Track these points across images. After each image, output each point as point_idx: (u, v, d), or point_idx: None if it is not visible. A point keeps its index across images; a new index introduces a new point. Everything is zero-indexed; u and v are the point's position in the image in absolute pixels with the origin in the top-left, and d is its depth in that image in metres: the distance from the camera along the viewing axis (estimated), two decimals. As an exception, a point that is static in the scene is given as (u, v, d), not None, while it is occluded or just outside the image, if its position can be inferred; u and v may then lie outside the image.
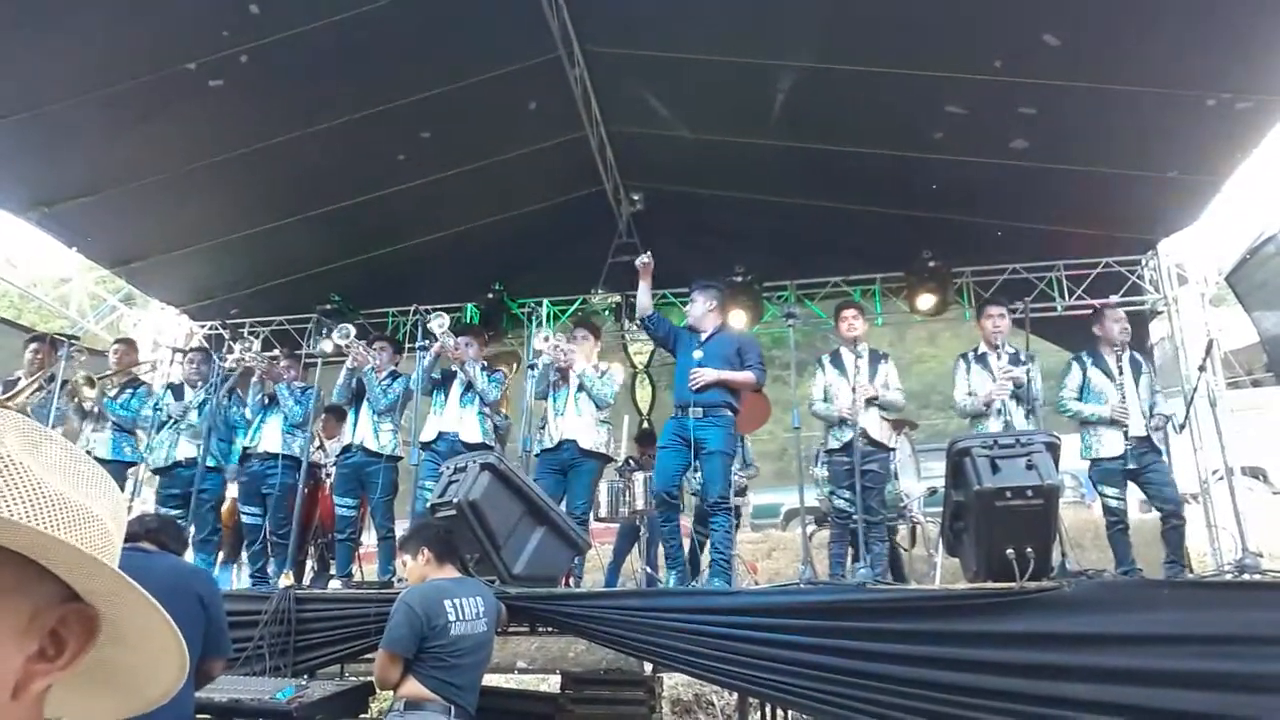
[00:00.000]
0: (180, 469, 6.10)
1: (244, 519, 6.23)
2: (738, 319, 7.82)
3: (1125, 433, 5.25)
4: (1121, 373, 5.39)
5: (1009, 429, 5.09)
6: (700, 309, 5.43)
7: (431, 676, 3.38)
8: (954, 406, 5.73)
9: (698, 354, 5.24)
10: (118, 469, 6.20)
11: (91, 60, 5.46)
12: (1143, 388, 5.39)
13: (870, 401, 5.39)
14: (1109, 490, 5.31)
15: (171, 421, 6.21)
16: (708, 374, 5.09)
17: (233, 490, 6.51)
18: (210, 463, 5.95)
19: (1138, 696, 3.34)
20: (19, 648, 0.65)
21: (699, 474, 5.14)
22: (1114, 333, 5.50)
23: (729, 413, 5.14)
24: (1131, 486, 5.34)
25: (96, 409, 6.30)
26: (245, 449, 6.25)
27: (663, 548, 5.52)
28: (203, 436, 5.93)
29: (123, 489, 6.54)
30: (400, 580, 5.19)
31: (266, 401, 6.30)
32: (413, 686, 3.38)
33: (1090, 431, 5.43)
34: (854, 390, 5.32)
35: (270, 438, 6.16)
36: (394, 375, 6.18)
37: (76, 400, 6.26)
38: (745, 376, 5.19)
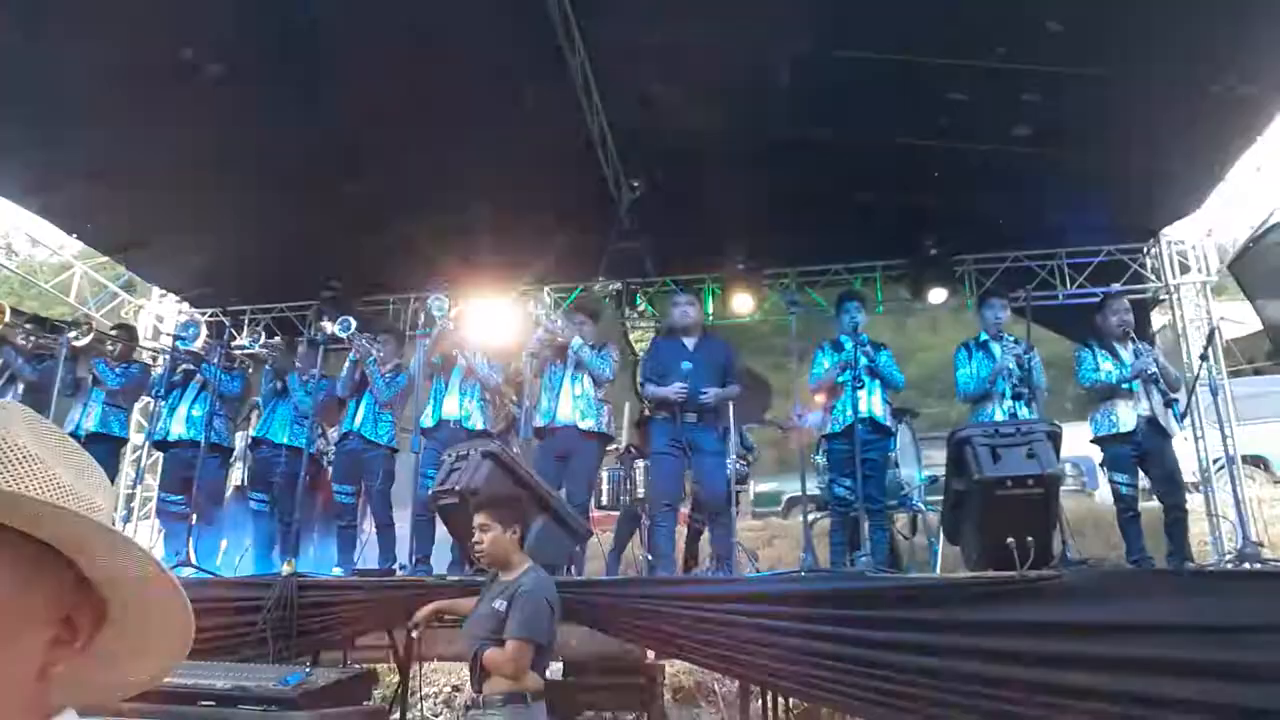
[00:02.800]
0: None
1: (252, 505, 6.28)
2: (743, 303, 7.83)
3: (1140, 410, 5.23)
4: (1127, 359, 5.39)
5: (1013, 419, 5.09)
6: (699, 314, 5.67)
7: (545, 665, 3.44)
8: (958, 393, 5.72)
9: (687, 365, 5.37)
10: (108, 446, 6.22)
11: (92, 48, 5.44)
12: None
13: (871, 368, 5.39)
14: (1119, 476, 5.29)
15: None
16: (712, 394, 5.27)
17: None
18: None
19: (1138, 685, 3.34)
20: (41, 633, 0.69)
21: (695, 472, 5.29)
22: (1110, 325, 5.50)
23: (717, 416, 5.38)
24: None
25: (91, 375, 6.32)
26: (255, 437, 6.31)
27: (657, 544, 5.53)
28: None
29: (117, 466, 6.57)
30: (402, 567, 5.20)
31: (280, 387, 6.34)
32: (534, 680, 3.38)
33: (1103, 410, 5.42)
34: (854, 346, 5.36)
35: (279, 427, 6.22)
36: (398, 368, 6.18)
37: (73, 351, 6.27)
38: (732, 391, 5.47)
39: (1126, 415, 5.28)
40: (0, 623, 0.66)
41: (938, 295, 7.51)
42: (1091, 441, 5.51)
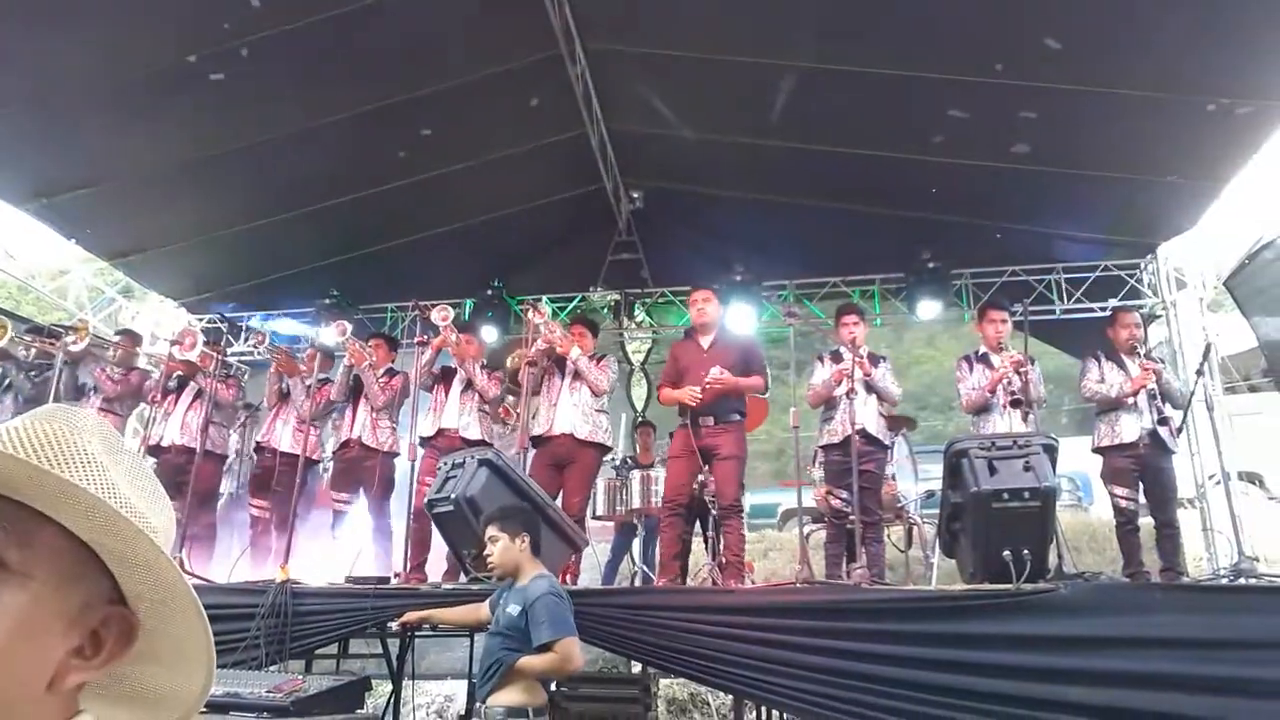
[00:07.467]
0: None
1: (252, 511, 6.26)
2: (737, 320, 7.82)
3: (1144, 424, 5.23)
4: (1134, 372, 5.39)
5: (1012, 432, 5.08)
6: (716, 312, 5.43)
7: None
8: (957, 404, 5.73)
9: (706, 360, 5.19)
10: None
11: (93, 52, 5.45)
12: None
13: (866, 383, 5.38)
14: (1119, 490, 5.30)
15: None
16: (725, 379, 4.99)
17: None
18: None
19: (1133, 700, 3.34)
20: (64, 638, 0.66)
21: (709, 478, 5.07)
22: (1120, 339, 5.52)
23: (738, 418, 5.14)
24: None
25: (89, 382, 6.31)
26: (259, 443, 6.32)
27: (660, 550, 5.48)
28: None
29: None
30: (396, 575, 5.18)
31: (285, 390, 6.36)
32: (540, 695, 3.31)
33: (1105, 419, 5.42)
34: (853, 360, 5.32)
35: (282, 432, 6.23)
36: (391, 372, 6.18)
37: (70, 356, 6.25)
38: (755, 382, 5.19)
39: (1130, 427, 5.29)
40: (28, 617, 0.62)
41: (933, 308, 7.55)
42: (1093, 451, 5.51)
